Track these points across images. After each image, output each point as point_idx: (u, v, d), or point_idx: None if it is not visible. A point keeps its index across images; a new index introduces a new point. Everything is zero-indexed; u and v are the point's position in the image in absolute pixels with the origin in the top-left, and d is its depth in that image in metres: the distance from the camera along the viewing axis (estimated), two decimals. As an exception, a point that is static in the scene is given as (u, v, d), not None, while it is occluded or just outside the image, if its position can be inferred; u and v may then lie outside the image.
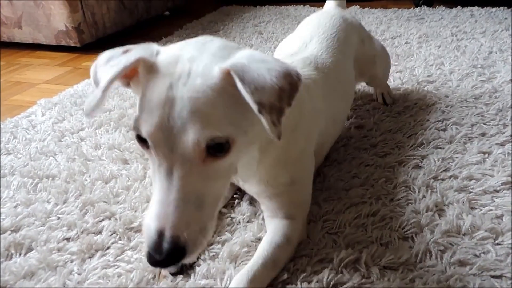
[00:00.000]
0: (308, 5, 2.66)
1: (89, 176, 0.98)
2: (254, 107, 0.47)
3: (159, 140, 0.50)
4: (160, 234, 0.49)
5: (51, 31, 1.98)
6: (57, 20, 1.93)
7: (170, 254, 0.48)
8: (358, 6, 2.54)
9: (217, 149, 0.51)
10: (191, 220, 0.50)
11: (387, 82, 1.33)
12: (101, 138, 1.15)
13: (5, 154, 1.10)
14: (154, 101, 0.50)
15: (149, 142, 0.51)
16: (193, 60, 0.52)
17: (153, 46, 0.55)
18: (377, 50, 1.17)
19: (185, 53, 0.53)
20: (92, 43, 2.03)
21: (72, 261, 0.74)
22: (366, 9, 2.50)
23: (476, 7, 2.32)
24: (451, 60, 1.59)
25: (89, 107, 0.51)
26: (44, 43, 2.03)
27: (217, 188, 0.55)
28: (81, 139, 1.16)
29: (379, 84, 1.25)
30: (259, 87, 0.48)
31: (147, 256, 0.50)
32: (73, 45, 1.98)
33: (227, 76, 0.50)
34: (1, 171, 1.02)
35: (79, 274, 0.71)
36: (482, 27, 1.97)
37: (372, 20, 2.23)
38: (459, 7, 2.37)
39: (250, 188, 0.76)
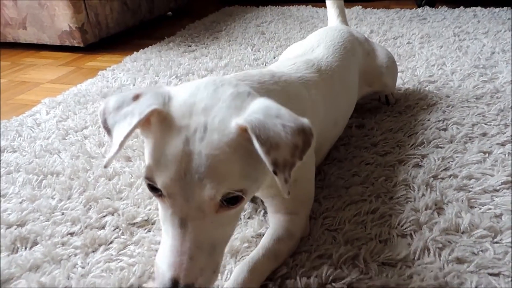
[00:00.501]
0: (310, 6, 2.67)
1: (93, 173, 0.99)
2: (270, 168, 0.49)
3: (175, 192, 0.51)
4: (175, 282, 0.50)
5: (55, 31, 2.00)
6: (61, 20, 1.95)
7: None
8: (360, 7, 2.55)
9: (230, 201, 0.52)
10: (204, 267, 0.52)
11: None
12: (104, 136, 1.17)
13: (10, 152, 1.12)
14: (170, 155, 0.50)
15: (164, 193, 0.52)
16: (207, 111, 0.52)
17: (164, 91, 0.55)
18: (384, 61, 1.19)
19: (198, 102, 0.53)
20: (96, 43, 2.06)
21: (76, 255, 0.75)
22: (368, 9, 2.51)
23: (479, 8, 2.32)
24: (453, 60, 1.60)
25: (108, 161, 0.53)
26: (48, 43, 2.06)
27: (228, 231, 0.58)
28: (85, 137, 1.17)
29: (389, 91, 1.28)
30: (274, 145, 0.48)
31: None
32: (76, 45, 2.01)
33: (243, 132, 0.50)
34: (7, 168, 1.03)
35: (82, 267, 0.72)
36: (484, 28, 1.97)
37: (374, 21, 2.23)
38: (461, 7, 2.37)
39: None
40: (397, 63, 1.59)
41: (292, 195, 0.73)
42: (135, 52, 1.91)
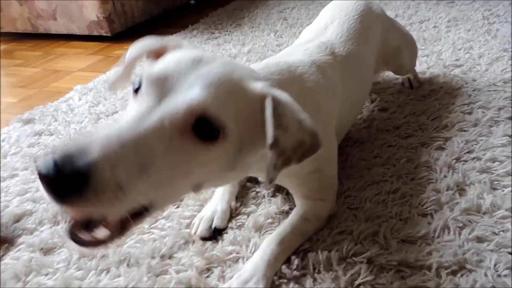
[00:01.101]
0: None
1: (124, 154, 1.05)
2: (270, 139, 0.47)
3: (158, 85, 0.46)
4: (84, 150, 0.39)
5: (83, 21, 2.07)
6: (89, 11, 2.02)
7: (76, 174, 0.38)
8: (385, -9, 2.49)
9: (205, 130, 0.45)
10: (122, 166, 0.41)
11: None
12: (134, 120, 1.22)
13: (47, 135, 1.19)
14: (175, 60, 0.48)
15: (145, 84, 0.46)
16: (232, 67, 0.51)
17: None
18: (403, 40, 1.15)
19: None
20: (122, 32, 2.12)
21: (111, 228, 0.81)
22: (393, -7, 2.45)
23: (510, -10, 2.24)
24: (480, 44, 1.56)
25: (110, 80, 0.51)
26: (77, 34, 2.14)
27: (168, 173, 0.46)
28: (116, 120, 1.23)
29: (406, 73, 1.25)
30: (284, 126, 0.48)
31: (40, 168, 0.39)
32: (104, 34, 2.07)
33: (262, 98, 0.49)
34: (45, 149, 1.10)
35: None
36: (515, 10, 1.90)
37: (400, 4, 2.19)
38: (492, -11, 2.28)
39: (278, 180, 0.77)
40: (422, 48, 1.57)
41: (316, 184, 0.76)
42: (160, 40, 1.95)
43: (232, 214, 0.82)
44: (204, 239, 0.76)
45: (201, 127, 0.45)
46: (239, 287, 0.63)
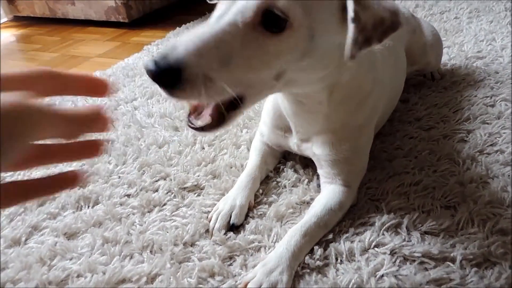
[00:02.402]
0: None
1: (144, 141, 1.06)
2: (350, 15, 0.49)
3: None
4: (173, 49, 0.48)
5: (101, 7, 2.07)
6: (107, -4, 2.02)
7: (168, 68, 0.47)
8: (404, -20, 2.44)
9: (272, 22, 0.50)
10: (207, 60, 0.48)
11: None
12: (152, 107, 1.23)
13: (68, 120, 1.20)
14: None
15: None
16: None
17: None
18: (429, 39, 1.15)
19: None
20: (139, 19, 2.12)
21: (133, 214, 0.82)
22: (413, -18, 2.40)
23: (534, -21, 2.17)
24: (503, 36, 1.52)
25: None
26: (95, 19, 2.14)
27: (248, 64, 0.52)
28: (135, 108, 1.24)
29: (431, 70, 1.25)
30: (364, 4, 0.50)
31: (146, 66, 0.48)
32: (121, 20, 2.07)
33: None
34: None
35: (140, 225, 0.79)
36: (540, 1, 1.85)
37: (420, -6, 2.15)
38: (515, -21, 2.22)
39: (312, 148, 0.79)
40: (444, 39, 1.54)
41: (348, 166, 0.77)
42: (177, 28, 1.95)
43: (251, 208, 0.81)
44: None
45: (269, 20, 0.50)
46: (263, 276, 0.64)
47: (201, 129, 0.58)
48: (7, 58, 1.82)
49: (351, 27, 0.50)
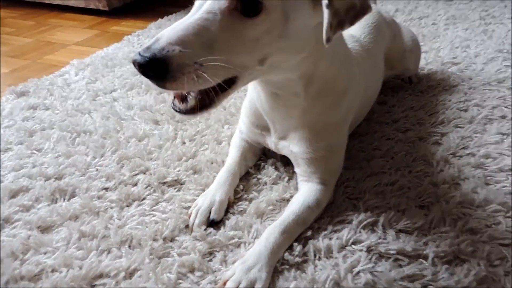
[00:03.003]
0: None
1: (123, 133, 1.04)
2: (325, 0, 0.53)
3: None
4: (156, 40, 0.51)
5: (80, -6, 2.01)
6: (86, -17, 1.96)
7: (153, 60, 0.49)
8: (386, -16, 2.49)
9: (247, 6, 0.53)
10: (190, 46, 0.51)
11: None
12: (132, 99, 1.21)
13: (43, 109, 1.17)
14: None
15: None
16: None
17: None
18: (408, 45, 1.19)
19: None
20: (120, 8, 2.07)
21: (112, 208, 0.81)
22: (393, -13, 2.46)
23: (507, -9, 2.27)
24: (477, 44, 1.59)
25: None
26: (74, 6, 2.07)
27: (231, 48, 0.54)
28: (114, 99, 1.21)
29: (409, 74, 1.29)
30: None
31: (133, 58, 0.51)
32: (101, 8, 2.02)
33: None
34: (41, 124, 1.08)
35: (119, 219, 0.78)
36: (510, 13, 1.93)
37: (400, -1, 2.20)
38: (489, -10, 2.31)
39: (290, 147, 0.80)
40: (421, 44, 1.58)
41: (325, 165, 0.78)
42: (159, 19, 1.92)
43: (231, 204, 0.81)
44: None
45: (244, 5, 0.53)
46: (242, 274, 0.64)
47: (186, 112, 0.60)
48: (-24, 41, 1.73)
49: (326, 12, 0.54)
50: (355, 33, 0.97)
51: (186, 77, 0.51)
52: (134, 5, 2.14)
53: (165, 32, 0.52)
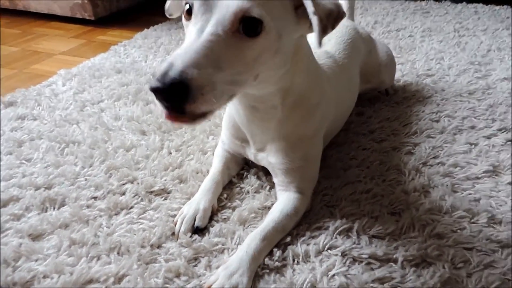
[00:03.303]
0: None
1: (111, 144, 1.07)
2: (311, 9, 0.59)
3: (204, 0, 0.57)
4: (170, 65, 0.52)
5: (66, 3, 2.03)
6: (73, -8, 1.98)
7: (174, 84, 0.51)
8: (367, -5, 2.58)
9: (249, 27, 0.57)
10: (204, 67, 0.53)
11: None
12: (120, 110, 1.24)
13: (31, 120, 1.19)
14: None
15: (195, 3, 0.58)
16: None
17: None
18: (383, 59, 1.25)
19: None
20: (106, 17, 2.09)
21: (101, 216, 0.84)
22: (374, -1, 2.55)
23: (480, 4, 2.38)
24: (451, 56, 1.67)
25: (166, 5, 0.71)
26: (59, 14, 2.09)
27: (235, 68, 0.58)
28: (102, 109, 1.25)
29: (385, 87, 1.35)
30: (317, 2, 0.60)
31: (152, 85, 0.52)
32: (87, 18, 2.04)
33: None
34: (30, 134, 1.11)
35: (107, 227, 0.81)
36: (484, 25, 2.04)
37: (379, 11, 2.29)
38: (464, 3, 2.42)
39: (268, 158, 0.85)
40: (398, 56, 1.67)
41: (301, 175, 0.84)
42: (145, 29, 1.96)
43: (215, 212, 0.86)
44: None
45: (246, 26, 0.57)
46: (225, 279, 0.68)
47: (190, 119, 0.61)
48: (-38, 50, 1.74)
49: (314, 19, 0.59)
50: (330, 49, 1.03)
51: (206, 98, 0.54)
52: (120, 14, 2.17)
53: (177, 56, 0.53)
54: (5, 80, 1.47)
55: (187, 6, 0.61)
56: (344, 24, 1.16)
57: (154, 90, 0.52)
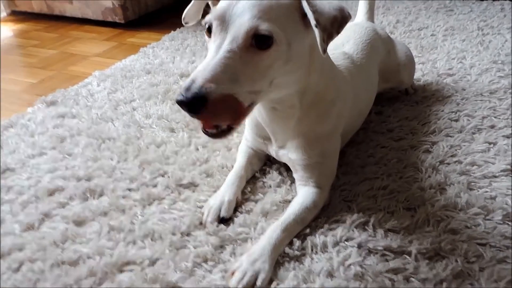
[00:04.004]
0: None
1: (143, 140, 1.16)
2: (313, 22, 0.64)
3: (220, 21, 0.65)
4: (192, 81, 0.62)
5: (99, 7, 2.15)
6: (105, -3, 2.09)
7: (195, 98, 0.60)
8: (389, -6, 2.58)
9: (261, 42, 0.64)
10: (221, 82, 0.62)
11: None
12: (150, 109, 1.33)
13: (70, 118, 1.29)
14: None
15: (213, 23, 0.66)
16: None
17: None
18: (402, 59, 1.28)
19: None
20: (135, 20, 2.20)
21: (136, 206, 0.92)
22: (397, -3, 2.54)
23: (507, 1, 2.34)
24: (473, 55, 1.67)
25: (185, 13, 0.80)
26: (92, 18, 2.21)
27: (251, 78, 0.66)
28: (133, 108, 1.33)
29: (405, 87, 1.38)
30: (319, 11, 0.66)
31: (177, 99, 0.61)
32: (117, 21, 2.15)
33: (294, 2, 0.68)
34: (70, 131, 1.20)
35: (142, 216, 0.89)
36: (509, 23, 2.01)
37: (401, 10, 2.29)
38: (490, 0, 2.39)
39: (288, 154, 0.91)
40: (419, 55, 1.68)
41: (319, 170, 0.89)
42: (172, 31, 2.04)
43: (239, 204, 0.92)
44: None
45: (258, 41, 0.64)
46: (248, 265, 0.75)
47: (215, 135, 0.71)
48: (6, 53, 1.87)
49: (316, 31, 0.65)
50: (348, 50, 1.07)
51: (223, 107, 0.63)
52: (148, 17, 2.27)
53: (198, 73, 0.62)
54: (46, 80, 1.59)
55: (207, 26, 0.68)
56: (363, 26, 1.20)
57: (179, 103, 0.61)
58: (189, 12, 0.83)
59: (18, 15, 2.38)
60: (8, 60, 1.79)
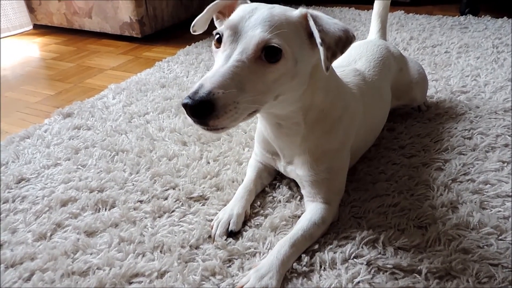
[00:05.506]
0: (353, 8, 2.75)
1: (156, 153, 1.18)
2: (318, 40, 0.67)
3: (233, 31, 0.67)
4: (200, 86, 0.62)
5: (117, 22, 2.21)
6: (123, 12, 2.16)
7: (202, 102, 0.61)
8: (403, 11, 2.60)
9: (270, 55, 0.66)
10: (229, 89, 0.63)
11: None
12: (163, 122, 1.35)
13: (85, 129, 1.32)
14: (241, 10, 0.71)
15: (225, 33, 0.68)
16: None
17: None
18: (414, 77, 1.28)
19: None
20: (151, 35, 2.25)
21: (146, 218, 0.93)
22: (410, 14, 2.56)
23: (523, 19, 2.33)
24: (487, 72, 1.66)
25: (195, 22, 0.82)
26: (110, 33, 2.28)
27: (257, 89, 0.67)
28: (147, 121, 1.36)
29: (417, 104, 1.37)
30: (325, 30, 0.68)
31: (183, 102, 0.62)
32: (134, 35, 2.21)
33: (303, 19, 0.71)
34: (85, 143, 1.23)
35: (152, 228, 0.90)
36: (525, 40, 2.00)
37: (415, 27, 2.30)
38: (505, 17, 2.38)
39: (295, 170, 0.91)
40: (433, 72, 1.67)
41: (327, 186, 0.89)
42: (187, 46, 2.09)
43: (248, 217, 0.92)
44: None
45: (268, 54, 0.67)
46: (256, 281, 0.74)
47: (212, 129, 0.70)
48: (27, 65, 1.94)
49: (321, 49, 0.67)
50: (360, 67, 1.08)
51: (228, 115, 0.64)
52: (164, 32, 2.33)
53: (206, 79, 0.63)
54: (64, 93, 1.64)
55: (217, 36, 0.71)
56: (375, 43, 1.20)
57: (185, 106, 0.62)
58: (199, 21, 0.85)
59: (39, 29, 2.46)
60: (28, 72, 1.85)
